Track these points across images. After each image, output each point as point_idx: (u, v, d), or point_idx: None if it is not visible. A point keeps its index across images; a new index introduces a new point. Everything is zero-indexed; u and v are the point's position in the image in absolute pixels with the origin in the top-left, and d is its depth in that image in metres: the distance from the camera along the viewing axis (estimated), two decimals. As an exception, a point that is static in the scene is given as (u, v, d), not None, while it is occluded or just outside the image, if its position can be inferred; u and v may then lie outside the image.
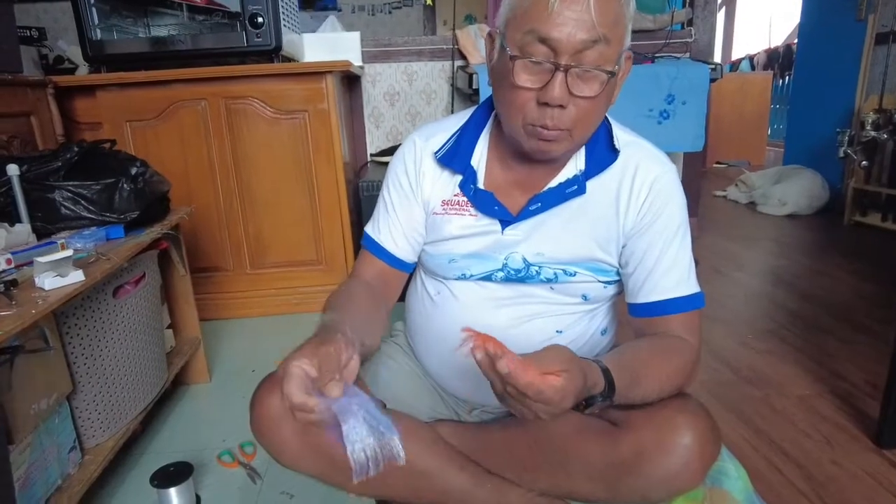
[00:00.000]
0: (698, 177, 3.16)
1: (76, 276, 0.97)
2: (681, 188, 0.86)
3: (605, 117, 0.89)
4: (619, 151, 0.85)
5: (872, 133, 2.99)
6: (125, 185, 1.25)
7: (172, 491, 1.13)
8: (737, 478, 0.99)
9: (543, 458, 0.93)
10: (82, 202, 1.21)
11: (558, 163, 0.87)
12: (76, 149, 1.25)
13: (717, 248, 2.94)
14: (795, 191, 3.59)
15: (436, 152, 0.91)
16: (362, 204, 2.20)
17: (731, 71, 7.21)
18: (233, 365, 1.80)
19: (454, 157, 0.90)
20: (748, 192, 3.99)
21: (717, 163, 5.84)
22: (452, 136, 0.92)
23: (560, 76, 0.71)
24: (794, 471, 1.20)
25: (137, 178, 1.28)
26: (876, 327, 1.89)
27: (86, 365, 1.11)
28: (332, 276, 2.13)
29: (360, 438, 0.64)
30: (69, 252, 0.99)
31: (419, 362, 1.07)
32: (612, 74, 0.72)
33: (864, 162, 3.09)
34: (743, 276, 2.51)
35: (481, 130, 0.92)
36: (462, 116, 0.94)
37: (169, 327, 1.56)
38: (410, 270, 0.99)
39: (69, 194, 1.20)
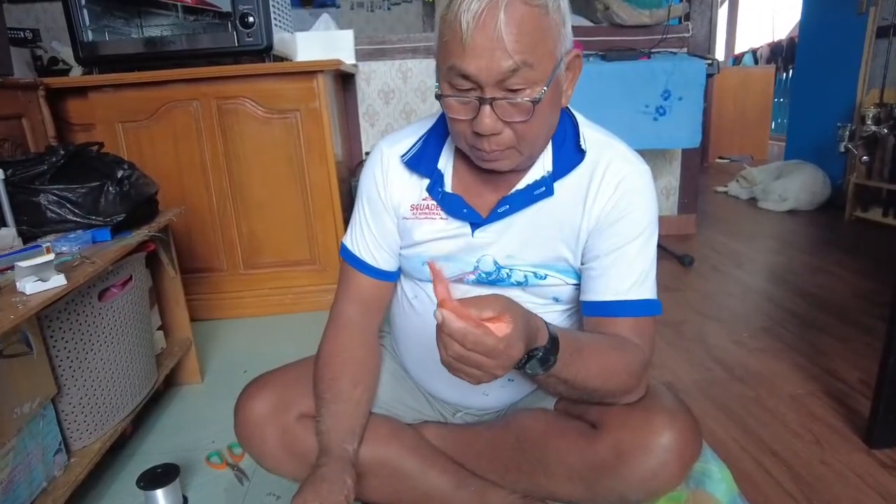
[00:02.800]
0: (697, 173, 3.14)
1: (58, 281, 0.98)
2: (651, 191, 0.85)
3: (572, 115, 0.88)
4: (584, 152, 0.84)
5: (873, 128, 2.96)
6: (110, 188, 1.25)
7: (159, 493, 1.13)
8: (720, 479, 0.98)
9: (524, 459, 0.94)
10: (67, 205, 1.21)
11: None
12: (62, 152, 1.25)
13: (717, 245, 2.91)
14: (796, 186, 3.56)
15: (402, 156, 0.91)
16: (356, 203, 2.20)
17: (734, 65, 7.16)
18: (225, 366, 1.80)
19: (420, 160, 0.90)
20: (749, 187, 3.96)
21: (720, 158, 5.81)
22: (419, 140, 0.92)
23: (486, 109, 0.71)
24: (783, 471, 1.20)
25: (123, 180, 1.28)
26: (873, 324, 1.87)
27: (71, 368, 1.11)
28: (325, 275, 2.13)
29: None
30: (51, 256, 0.99)
31: (403, 364, 1.07)
32: (538, 101, 0.71)
33: (864, 157, 3.06)
34: (741, 274, 2.50)
35: (447, 134, 0.92)
36: (428, 121, 0.95)
37: (160, 329, 1.57)
38: (396, 278, 1.00)
39: (54, 198, 1.20)
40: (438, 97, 0.75)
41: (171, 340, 1.62)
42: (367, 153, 2.76)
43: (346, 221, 2.13)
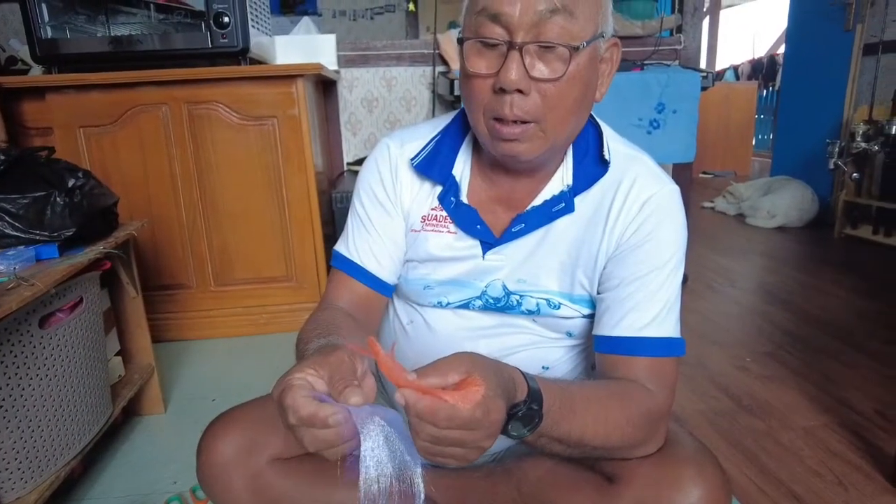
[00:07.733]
0: (687, 188, 3.07)
1: (-17, 308, 0.83)
2: (681, 214, 0.75)
3: (598, 125, 0.78)
4: (608, 163, 0.74)
5: (863, 144, 2.93)
6: (58, 199, 1.10)
7: (106, 550, 0.99)
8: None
9: (529, 513, 0.81)
10: (6, 218, 1.06)
11: (542, 175, 0.76)
12: (2, 157, 1.11)
13: (707, 262, 2.85)
14: (785, 203, 3.52)
15: (412, 159, 0.79)
16: (336, 216, 2.07)
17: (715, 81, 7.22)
18: (192, 393, 1.64)
19: (432, 164, 0.78)
20: (736, 203, 3.92)
21: (703, 173, 5.80)
22: (430, 141, 0.80)
23: (514, 56, 0.61)
24: (807, 517, 1.09)
25: (74, 190, 1.14)
26: (881, 349, 1.79)
27: (2, 408, 0.96)
28: (302, 293, 1.99)
29: (378, 464, 0.50)
30: (-24, 279, 0.84)
31: (391, 399, 0.94)
32: (576, 49, 0.61)
33: (854, 174, 3.03)
34: (735, 293, 2.42)
35: (463, 137, 0.81)
36: (440, 122, 0.83)
37: (118, 354, 1.42)
38: (391, 294, 0.87)
39: (-9, 209, 1.05)
40: (461, 41, 0.65)
41: (131, 367, 1.47)
42: (349, 164, 2.63)
43: (326, 235, 2.00)
